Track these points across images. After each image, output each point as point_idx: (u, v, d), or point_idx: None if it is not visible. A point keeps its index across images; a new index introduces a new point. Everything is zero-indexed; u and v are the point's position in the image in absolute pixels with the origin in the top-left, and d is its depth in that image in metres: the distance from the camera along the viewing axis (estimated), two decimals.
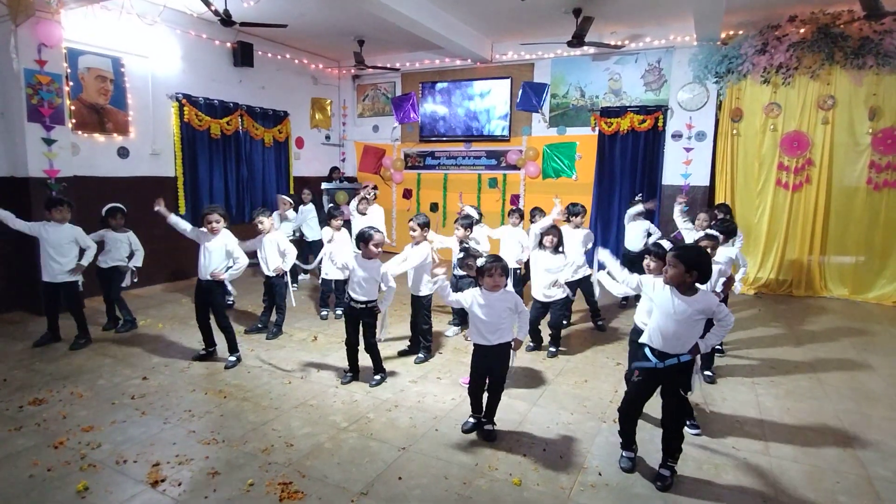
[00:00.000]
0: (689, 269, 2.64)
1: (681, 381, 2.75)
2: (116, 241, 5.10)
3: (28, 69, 5.31)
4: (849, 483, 2.85)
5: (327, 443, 3.14)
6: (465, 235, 4.90)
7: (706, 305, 2.67)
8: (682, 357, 2.70)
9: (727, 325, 2.71)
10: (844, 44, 6.60)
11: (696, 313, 2.67)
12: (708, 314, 2.68)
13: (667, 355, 2.72)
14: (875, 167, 6.81)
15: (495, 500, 2.65)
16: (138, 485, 2.71)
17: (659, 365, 2.73)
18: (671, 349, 2.71)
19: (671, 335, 2.70)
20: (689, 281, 2.66)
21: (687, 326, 2.68)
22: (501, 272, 3.10)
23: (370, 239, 3.86)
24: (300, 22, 7.43)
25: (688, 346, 2.70)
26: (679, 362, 2.70)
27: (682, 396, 2.77)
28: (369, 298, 3.90)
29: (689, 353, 2.71)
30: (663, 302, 2.74)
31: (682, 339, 2.69)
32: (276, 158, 8.90)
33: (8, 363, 4.30)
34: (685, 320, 2.67)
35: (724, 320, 2.69)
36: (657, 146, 7.87)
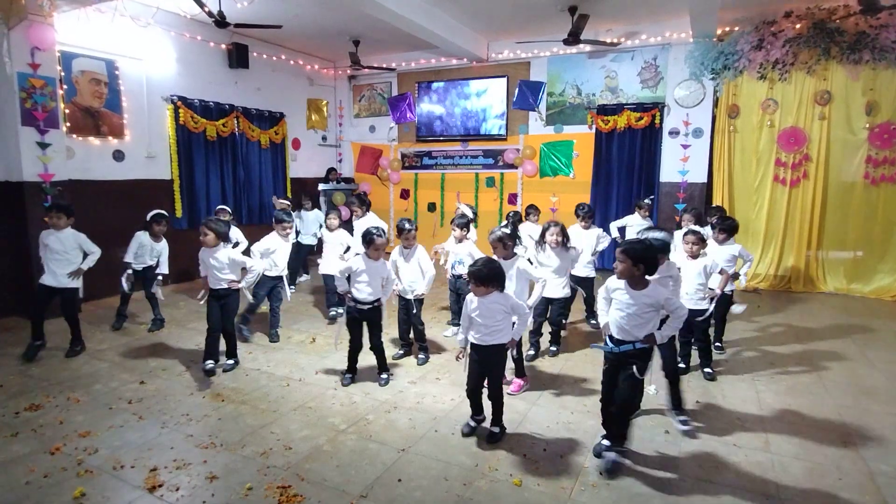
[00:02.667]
0: (635, 263, 2.79)
1: (636, 363, 2.86)
2: (153, 249, 5.22)
3: (21, 73, 5.28)
4: (851, 479, 2.84)
5: (326, 445, 3.12)
6: (463, 235, 4.88)
7: (654, 299, 2.81)
8: (637, 344, 2.84)
9: (680, 316, 2.86)
10: (840, 39, 6.61)
11: (645, 307, 2.81)
12: (657, 307, 2.82)
13: (622, 342, 2.87)
14: (872, 162, 6.81)
15: (496, 500, 2.63)
16: (136, 490, 2.69)
17: (614, 349, 2.89)
18: (625, 337, 2.86)
19: (624, 325, 2.85)
20: (637, 274, 2.81)
21: (637, 318, 2.82)
22: (473, 281, 3.09)
23: (371, 242, 3.87)
24: (295, 23, 7.40)
25: (641, 335, 2.83)
26: (634, 348, 2.85)
27: (635, 380, 2.86)
28: (375, 298, 3.90)
29: (644, 342, 2.84)
30: (618, 295, 2.91)
31: (635, 329, 2.83)
32: (272, 160, 8.88)
33: (3, 369, 4.27)
34: (635, 313, 2.82)
35: (675, 311, 2.85)
36: (654, 143, 7.86)
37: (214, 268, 4.12)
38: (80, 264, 4.58)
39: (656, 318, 2.87)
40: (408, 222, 4.43)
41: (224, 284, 4.15)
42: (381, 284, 3.94)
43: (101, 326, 5.40)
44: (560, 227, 4.38)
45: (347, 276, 3.96)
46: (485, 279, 3.07)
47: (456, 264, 4.97)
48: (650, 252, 2.84)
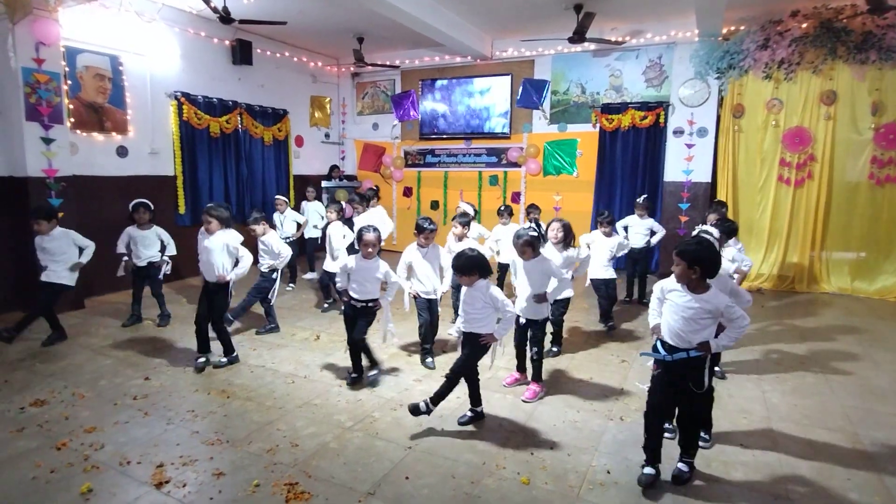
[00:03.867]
0: (691, 265, 2.60)
1: (691, 377, 2.70)
2: (144, 238, 5.16)
3: (26, 68, 5.27)
4: (859, 479, 2.83)
5: (333, 442, 3.12)
6: (463, 233, 4.87)
7: (714, 306, 2.61)
8: (691, 352, 2.65)
9: (740, 327, 2.64)
10: (847, 38, 6.59)
11: (704, 313, 2.61)
12: (716, 315, 2.63)
13: (676, 349, 2.68)
14: (877, 162, 6.79)
15: (504, 498, 2.62)
16: (142, 486, 2.68)
17: (667, 357, 2.70)
18: (679, 343, 2.68)
19: (677, 330, 2.67)
20: (694, 277, 2.61)
21: (693, 323, 2.63)
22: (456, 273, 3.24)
23: (360, 238, 3.85)
24: (299, 19, 7.39)
25: (694, 342, 2.65)
26: (688, 357, 2.66)
27: (696, 394, 2.71)
28: (369, 297, 3.89)
29: (698, 350, 2.65)
30: (673, 297, 2.72)
31: (689, 334, 2.64)
32: (275, 157, 8.87)
33: (9, 364, 4.26)
34: (691, 318, 2.63)
35: (736, 321, 2.63)
36: (658, 143, 7.84)
37: (208, 252, 4.12)
38: (79, 259, 4.64)
39: (713, 325, 2.66)
40: (428, 222, 4.33)
41: (215, 274, 4.13)
42: (376, 285, 3.89)
43: (105, 322, 5.40)
44: (562, 224, 4.35)
45: (348, 275, 3.94)
46: (465, 269, 3.18)
47: None
48: (708, 252, 2.61)
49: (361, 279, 3.84)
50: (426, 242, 4.36)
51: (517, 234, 3.69)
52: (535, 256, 3.68)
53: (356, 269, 3.85)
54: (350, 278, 3.90)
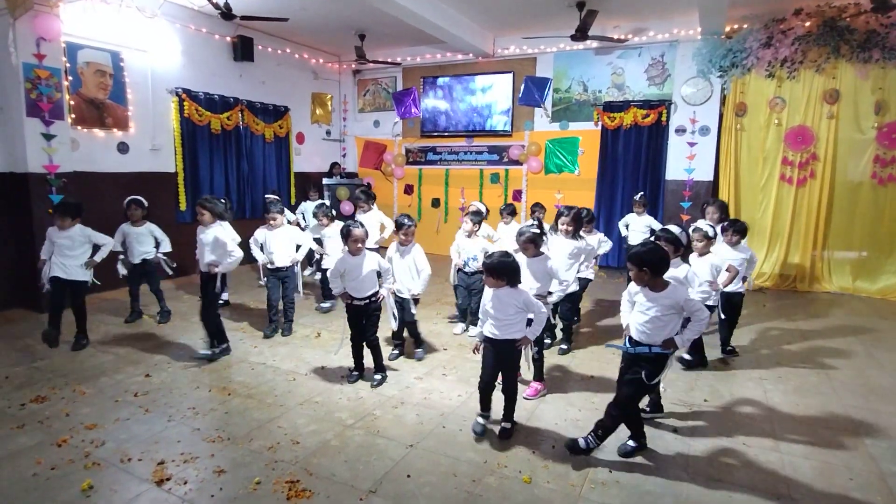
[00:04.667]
0: (640, 267, 2.79)
1: (647, 369, 2.84)
2: (138, 235, 5.15)
3: (27, 63, 5.25)
4: (861, 479, 2.82)
5: (334, 440, 3.11)
6: (473, 230, 4.86)
7: (674, 300, 2.79)
8: (654, 348, 2.83)
9: (701, 320, 2.82)
10: (850, 37, 6.56)
11: (665, 308, 2.79)
12: (677, 308, 2.80)
13: (639, 343, 2.87)
14: (880, 161, 6.77)
15: (506, 497, 2.62)
16: (143, 483, 2.68)
17: (630, 350, 2.90)
18: (643, 339, 2.87)
19: (644, 329, 2.85)
20: (646, 279, 2.80)
21: (658, 321, 2.82)
22: (486, 272, 3.12)
23: (348, 235, 3.79)
24: (301, 15, 7.36)
25: (659, 339, 2.81)
26: (650, 352, 2.84)
27: (641, 383, 2.85)
28: (367, 294, 3.84)
29: (662, 346, 2.82)
30: (638, 298, 2.92)
31: (655, 332, 2.82)
32: (276, 154, 8.85)
33: (9, 361, 4.26)
34: (656, 315, 2.81)
35: (696, 314, 2.81)
36: (660, 141, 7.82)
37: (202, 244, 4.17)
38: (94, 256, 4.61)
39: (677, 320, 2.85)
40: (408, 218, 4.32)
41: (204, 267, 4.18)
42: (372, 281, 3.85)
43: (105, 319, 5.39)
44: (572, 217, 4.30)
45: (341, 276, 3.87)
46: (496, 272, 3.06)
47: (470, 261, 4.90)
48: (651, 255, 2.82)
49: (356, 276, 3.80)
50: (406, 240, 4.29)
51: (519, 231, 3.69)
52: (536, 254, 3.67)
53: (348, 269, 3.81)
54: (345, 279, 3.85)
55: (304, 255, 5.15)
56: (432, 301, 6.21)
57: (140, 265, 5.21)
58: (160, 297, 5.38)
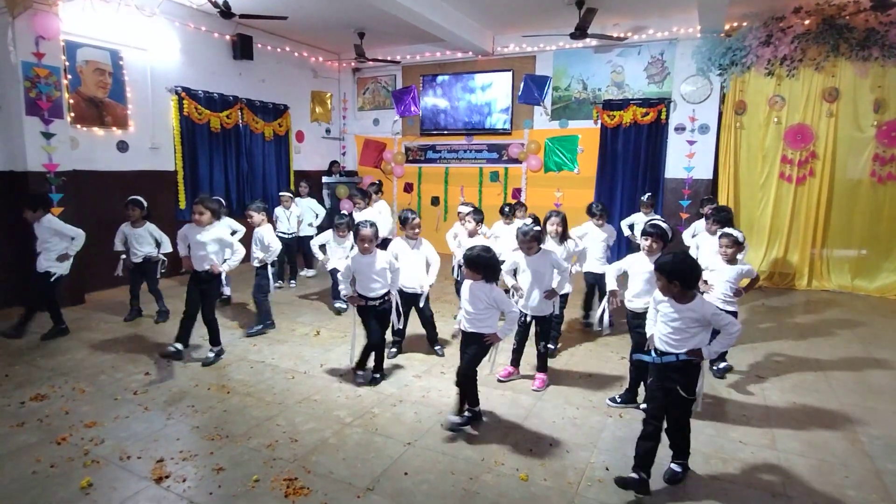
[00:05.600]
0: (670, 280, 2.62)
1: (680, 381, 2.66)
2: (137, 236, 5.17)
3: (26, 62, 5.26)
4: (857, 477, 2.83)
5: (332, 438, 3.12)
6: (476, 230, 4.87)
7: (701, 314, 2.61)
8: (681, 356, 2.65)
9: (731, 333, 2.63)
10: (850, 35, 6.56)
11: (691, 322, 2.63)
12: (704, 323, 2.64)
13: (665, 353, 2.70)
14: (879, 160, 6.77)
15: (502, 495, 2.63)
16: (142, 481, 2.69)
17: (657, 360, 2.72)
18: (668, 349, 2.70)
19: (669, 339, 2.69)
20: (675, 291, 2.64)
21: (683, 332, 2.65)
22: (465, 263, 3.16)
23: (356, 234, 3.83)
24: (300, 14, 7.36)
25: (685, 348, 2.64)
26: (677, 360, 2.66)
27: (684, 400, 2.68)
28: (380, 294, 3.84)
29: (689, 355, 2.64)
30: (662, 307, 2.74)
31: (680, 343, 2.66)
32: (276, 152, 8.86)
33: (9, 359, 4.27)
34: (681, 327, 2.65)
35: (726, 328, 2.63)
36: (660, 139, 7.82)
37: (200, 245, 4.14)
38: (68, 249, 4.68)
39: (704, 333, 2.67)
40: (410, 212, 4.34)
41: (206, 266, 4.16)
42: (384, 277, 3.85)
43: (105, 318, 5.41)
44: (561, 218, 4.35)
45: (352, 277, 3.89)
46: (474, 264, 3.12)
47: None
48: (682, 266, 2.63)
49: (365, 276, 3.81)
50: (413, 234, 4.32)
51: (521, 230, 3.70)
52: (539, 251, 3.70)
53: (357, 268, 3.82)
54: (357, 279, 3.85)
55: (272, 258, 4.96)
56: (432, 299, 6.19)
57: (140, 265, 5.22)
58: (158, 297, 5.39)
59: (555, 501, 2.59)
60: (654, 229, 3.51)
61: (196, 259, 4.19)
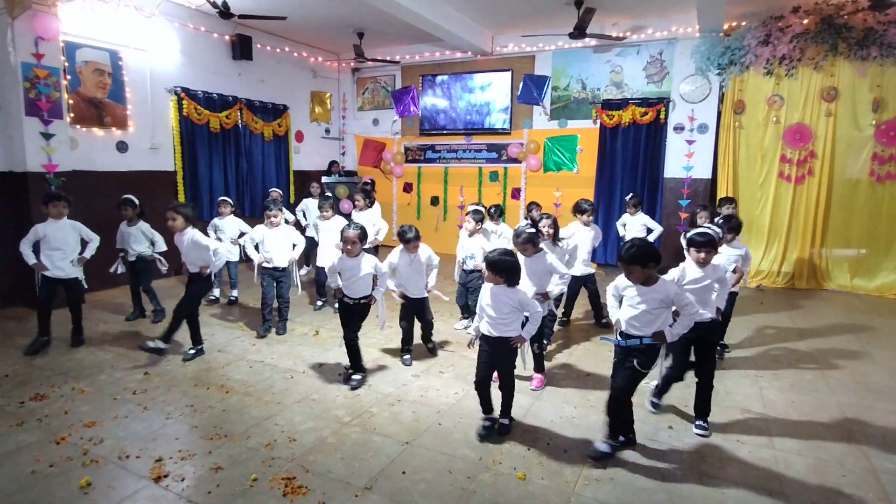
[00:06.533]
0: (645, 265, 2.81)
1: (640, 359, 2.88)
2: (130, 235, 5.17)
3: (25, 63, 5.27)
4: (854, 476, 2.84)
5: (330, 437, 3.13)
6: (476, 229, 4.87)
7: (665, 294, 2.82)
8: (645, 339, 2.86)
9: (691, 314, 2.85)
10: (848, 35, 6.57)
11: (655, 302, 2.82)
12: (667, 303, 2.83)
13: (630, 336, 2.90)
14: (878, 159, 6.78)
15: (500, 494, 2.64)
16: (141, 480, 2.70)
17: (622, 342, 2.94)
18: (634, 332, 2.90)
19: (634, 322, 2.88)
20: (648, 273, 2.83)
21: (648, 314, 2.85)
22: (487, 267, 3.11)
23: (341, 236, 3.85)
24: (299, 14, 7.37)
25: (649, 332, 2.85)
26: (641, 343, 2.87)
27: (634, 372, 2.89)
28: (361, 295, 3.85)
29: (653, 338, 2.86)
30: (628, 293, 2.93)
31: (645, 326, 2.86)
32: (275, 152, 8.87)
33: (9, 359, 4.28)
34: (646, 310, 2.84)
35: (686, 308, 2.84)
36: (659, 139, 7.83)
37: (183, 250, 4.22)
38: (83, 253, 4.64)
39: (666, 314, 2.87)
40: (409, 230, 4.21)
41: (194, 269, 4.24)
42: (367, 282, 3.84)
43: (104, 317, 5.42)
44: (552, 220, 4.39)
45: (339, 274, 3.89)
46: (496, 268, 3.07)
47: (467, 259, 4.92)
48: (650, 250, 2.83)
49: (349, 277, 3.82)
50: (412, 249, 4.25)
51: (516, 232, 3.70)
52: (536, 252, 3.70)
53: (344, 269, 3.84)
54: (340, 277, 3.88)
55: (300, 253, 5.15)
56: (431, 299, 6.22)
57: (133, 263, 5.21)
58: (152, 297, 5.35)
59: (552, 500, 2.59)
60: (705, 237, 3.18)
61: (188, 263, 4.27)
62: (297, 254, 5.08)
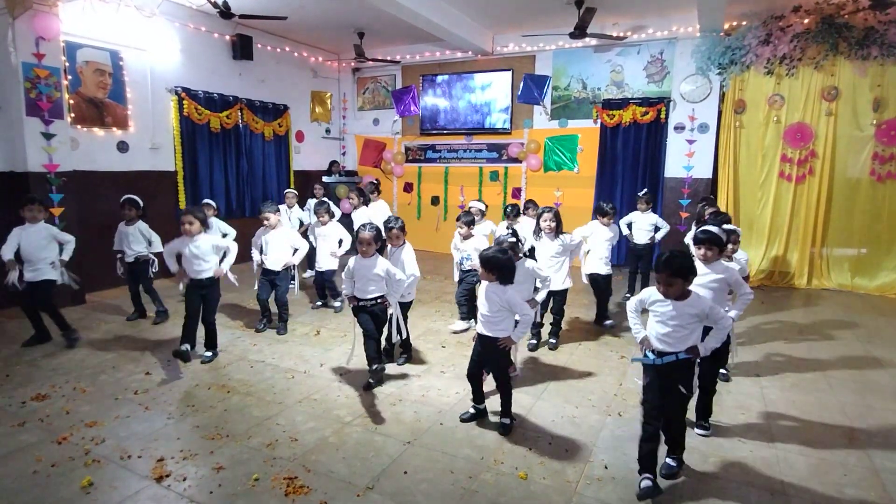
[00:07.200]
0: (685, 278, 2.62)
1: (680, 379, 2.68)
2: (128, 235, 5.14)
3: (26, 63, 5.27)
4: (855, 476, 2.84)
5: (332, 437, 3.13)
6: (469, 232, 4.89)
7: (699, 309, 2.64)
8: (680, 355, 2.65)
9: (724, 328, 2.69)
10: (849, 34, 6.56)
11: (689, 317, 2.64)
12: (701, 317, 2.65)
13: (665, 353, 2.68)
14: (878, 158, 6.78)
15: (501, 493, 2.64)
16: (143, 480, 2.70)
17: (657, 361, 2.70)
18: (667, 349, 2.68)
19: (667, 338, 2.67)
20: (683, 288, 2.64)
21: (681, 329, 2.65)
22: (480, 264, 3.17)
23: (356, 237, 3.84)
24: (300, 14, 7.37)
25: (683, 346, 2.65)
26: (677, 360, 2.66)
27: (683, 398, 2.71)
28: (374, 296, 3.81)
29: (687, 353, 2.65)
30: (657, 307, 2.71)
31: (678, 342, 2.65)
32: (276, 152, 8.87)
33: (10, 359, 4.28)
34: (679, 325, 2.65)
35: (720, 322, 2.66)
36: (659, 138, 7.82)
37: (195, 256, 4.12)
38: (61, 256, 4.61)
39: (699, 328, 2.69)
40: (393, 219, 4.15)
41: (207, 274, 4.15)
42: (380, 284, 3.80)
43: (104, 317, 5.42)
44: (553, 213, 4.44)
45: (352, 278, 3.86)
46: (489, 265, 3.12)
47: (464, 260, 4.96)
48: (688, 263, 2.64)
49: (361, 278, 3.80)
50: (395, 242, 4.15)
51: (497, 240, 3.75)
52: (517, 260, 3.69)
53: (356, 269, 3.81)
54: (354, 280, 3.84)
55: (301, 258, 5.01)
56: (431, 299, 6.24)
57: (131, 265, 5.18)
58: (154, 297, 5.35)
59: (554, 500, 2.59)
60: (707, 235, 3.18)
61: (194, 269, 4.14)
62: (297, 258, 4.96)
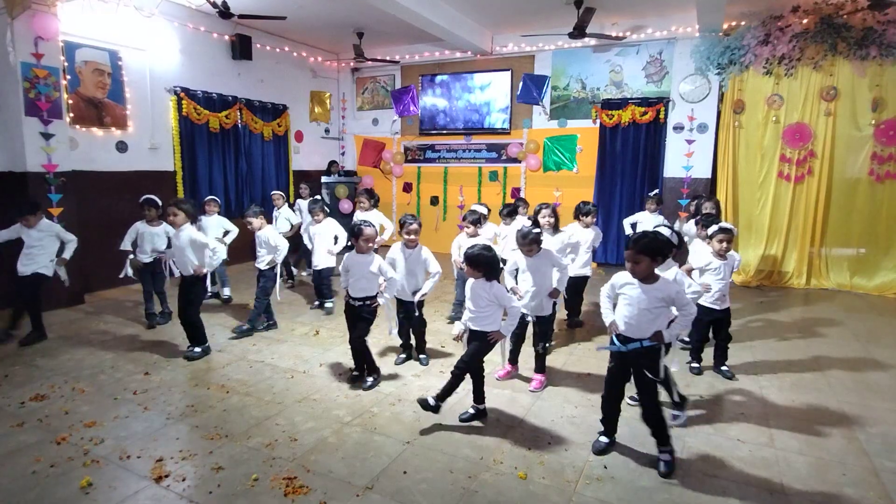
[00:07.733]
0: (654, 258, 2.74)
1: (646, 365, 2.81)
2: (151, 235, 5.08)
3: (25, 63, 5.26)
4: (855, 475, 2.84)
5: (331, 437, 3.13)
6: (476, 231, 4.89)
7: (666, 293, 2.76)
8: (645, 342, 2.78)
9: (690, 314, 2.81)
10: (847, 34, 6.57)
11: (656, 301, 2.76)
12: (668, 301, 2.78)
13: (630, 339, 2.82)
14: (877, 158, 6.79)
15: (501, 493, 2.64)
16: (142, 480, 2.70)
17: (622, 348, 2.84)
18: (633, 334, 2.81)
19: (633, 321, 2.80)
20: (653, 268, 2.77)
21: (648, 313, 2.77)
22: (465, 261, 3.22)
23: (360, 234, 3.76)
24: (299, 14, 7.37)
25: (649, 332, 2.78)
26: (642, 346, 2.78)
27: (651, 379, 2.82)
28: (366, 295, 3.81)
29: (652, 340, 2.78)
30: (627, 290, 2.85)
31: (644, 324, 2.78)
32: (275, 152, 8.87)
33: (8, 359, 4.28)
34: (646, 308, 2.77)
35: (685, 308, 2.79)
36: (659, 138, 7.83)
37: (179, 249, 4.17)
38: (63, 254, 4.68)
39: (666, 313, 2.82)
40: (411, 217, 4.18)
41: (189, 270, 4.19)
42: (373, 282, 3.79)
43: (104, 317, 5.41)
44: (551, 209, 4.46)
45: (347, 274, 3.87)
46: (474, 262, 3.18)
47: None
48: (660, 243, 2.76)
49: (356, 275, 3.79)
50: (411, 242, 4.13)
51: (522, 233, 3.68)
52: (539, 252, 3.72)
53: (351, 266, 3.80)
54: (350, 276, 3.84)
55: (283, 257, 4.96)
56: (431, 299, 6.22)
57: (149, 265, 5.14)
58: (163, 299, 5.35)
59: (553, 500, 2.59)
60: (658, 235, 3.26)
61: (178, 262, 4.22)
62: (279, 258, 4.91)
